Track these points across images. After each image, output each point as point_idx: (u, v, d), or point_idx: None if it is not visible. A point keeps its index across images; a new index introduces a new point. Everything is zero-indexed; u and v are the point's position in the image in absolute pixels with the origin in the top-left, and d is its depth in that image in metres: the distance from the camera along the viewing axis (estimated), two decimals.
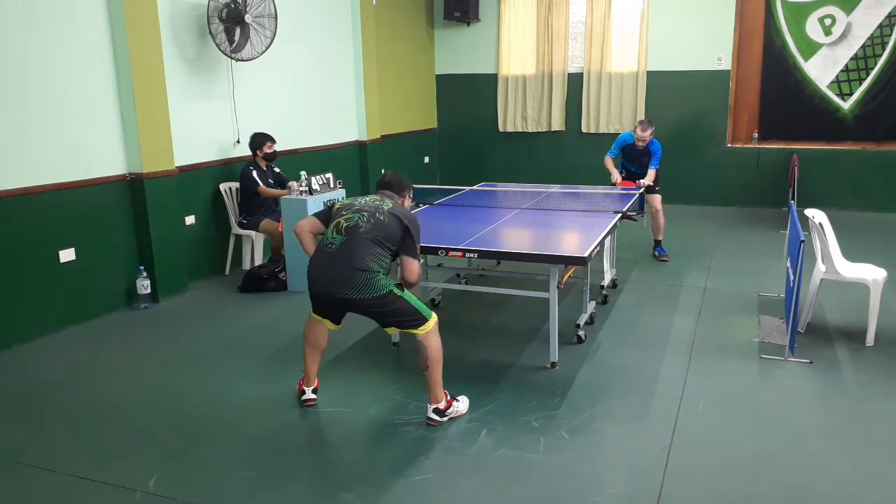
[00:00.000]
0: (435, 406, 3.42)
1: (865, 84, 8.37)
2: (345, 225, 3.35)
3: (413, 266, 3.38)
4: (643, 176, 6.48)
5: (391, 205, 3.45)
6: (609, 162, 6.60)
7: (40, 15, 4.66)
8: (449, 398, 3.47)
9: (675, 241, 7.17)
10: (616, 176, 6.51)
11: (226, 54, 5.85)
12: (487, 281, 5.66)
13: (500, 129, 10.00)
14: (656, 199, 6.51)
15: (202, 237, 6.14)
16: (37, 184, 4.70)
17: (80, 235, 5.00)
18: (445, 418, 3.44)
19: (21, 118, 4.58)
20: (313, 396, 3.66)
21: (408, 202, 3.69)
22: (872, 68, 8.31)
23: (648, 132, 6.38)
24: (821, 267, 4.47)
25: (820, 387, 3.83)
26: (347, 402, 3.73)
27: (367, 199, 3.49)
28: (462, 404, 3.55)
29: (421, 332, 3.37)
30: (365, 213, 3.36)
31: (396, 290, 3.34)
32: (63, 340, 4.72)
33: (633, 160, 6.62)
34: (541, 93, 9.68)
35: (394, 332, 3.68)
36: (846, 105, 8.50)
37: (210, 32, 5.71)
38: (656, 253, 6.67)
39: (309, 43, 7.39)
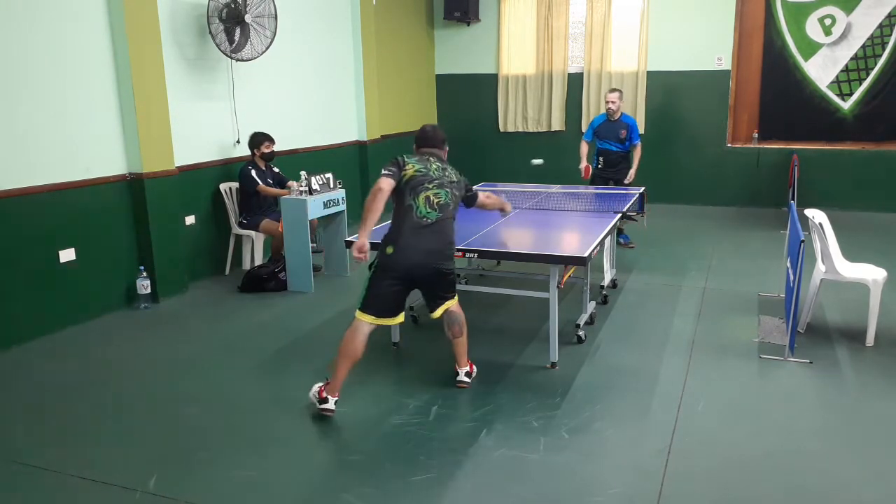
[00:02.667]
0: (465, 370, 3.85)
1: (865, 84, 8.37)
2: (436, 202, 3.55)
3: (484, 196, 4.05)
4: (624, 156, 6.70)
5: (452, 172, 3.73)
6: (583, 147, 6.73)
7: (40, 15, 4.66)
8: (471, 363, 3.91)
9: (676, 241, 7.18)
10: (584, 163, 6.69)
11: (226, 54, 5.85)
12: (487, 281, 5.66)
13: (501, 129, 10.00)
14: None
15: (202, 237, 6.14)
16: (37, 184, 4.70)
17: (80, 235, 5.00)
18: (471, 380, 3.88)
19: (21, 118, 4.58)
20: (334, 407, 3.51)
21: (446, 151, 3.90)
22: (872, 68, 8.31)
23: (616, 94, 6.65)
24: (821, 267, 4.47)
25: (820, 387, 3.83)
26: (347, 402, 3.73)
27: (435, 166, 3.65)
28: (474, 370, 3.96)
29: (453, 302, 3.71)
30: (448, 190, 3.61)
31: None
32: (63, 340, 4.71)
33: (609, 136, 6.72)
34: (541, 93, 9.69)
35: (440, 313, 3.68)
36: (846, 105, 8.50)
37: (210, 32, 5.71)
38: (621, 240, 6.76)
39: (309, 43, 7.39)
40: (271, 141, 6.13)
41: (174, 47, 5.70)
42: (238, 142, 6.39)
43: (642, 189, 6.04)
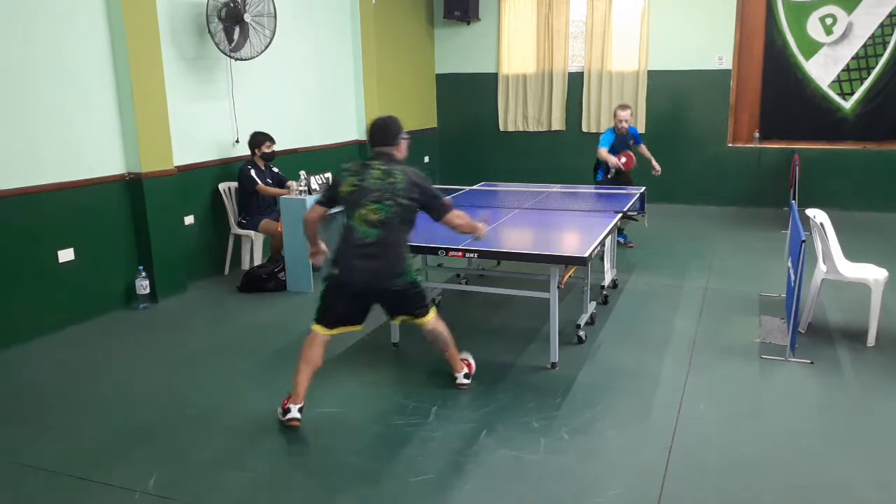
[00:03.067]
0: (464, 373, 3.83)
1: (866, 84, 8.36)
2: (375, 218, 3.32)
3: (454, 215, 3.53)
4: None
5: (400, 176, 3.36)
6: (604, 152, 6.72)
7: (40, 15, 4.65)
8: (467, 361, 3.88)
9: (676, 241, 7.17)
10: (615, 161, 6.62)
11: (225, 54, 5.84)
12: (487, 281, 5.65)
13: (501, 129, 9.99)
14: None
15: (201, 237, 6.13)
16: (36, 184, 4.69)
17: (79, 235, 4.99)
18: (470, 380, 3.84)
19: (20, 118, 4.57)
20: (299, 416, 3.42)
21: (404, 145, 3.53)
22: (873, 68, 8.30)
23: (629, 111, 6.72)
24: (822, 267, 4.46)
25: (821, 387, 3.82)
26: (347, 403, 3.72)
27: (375, 173, 3.35)
28: (470, 358, 3.94)
29: (428, 319, 3.61)
30: (389, 203, 3.32)
31: (419, 278, 3.55)
32: (62, 340, 4.71)
33: (621, 149, 6.75)
34: (541, 92, 9.67)
35: (399, 322, 3.74)
36: (847, 104, 8.49)
37: (209, 32, 5.70)
38: (620, 240, 6.78)
39: (308, 42, 7.38)
40: (272, 141, 6.12)
41: (173, 47, 5.69)
42: (237, 141, 6.38)
43: (643, 189, 6.03)
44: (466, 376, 3.84)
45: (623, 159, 6.62)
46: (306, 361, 3.47)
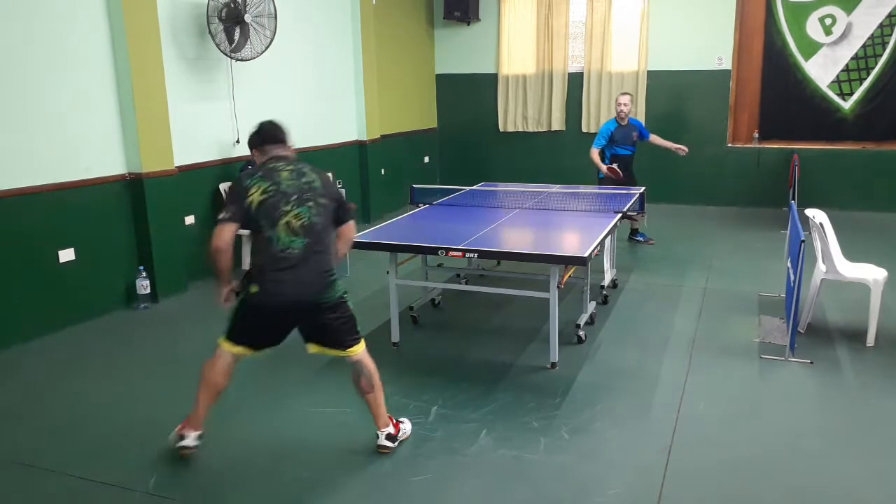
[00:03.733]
0: (387, 432, 3.17)
1: (866, 84, 8.36)
2: (299, 225, 2.93)
3: (353, 227, 3.23)
4: (632, 157, 6.84)
5: (313, 174, 3.04)
6: (595, 154, 6.77)
7: (40, 15, 4.65)
8: (394, 420, 3.24)
9: (676, 241, 7.17)
10: (603, 167, 6.69)
11: (225, 54, 5.84)
12: (487, 281, 5.65)
13: (501, 129, 9.99)
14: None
15: (202, 237, 6.11)
16: (37, 184, 4.70)
17: (79, 235, 4.99)
18: (397, 443, 3.20)
19: (21, 118, 4.57)
20: (196, 444, 3.11)
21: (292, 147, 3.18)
22: (873, 68, 8.30)
23: (628, 97, 6.75)
24: (821, 267, 4.46)
25: (820, 387, 3.82)
26: (347, 403, 3.72)
27: (285, 175, 2.97)
28: (407, 425, 3.33)
29: (357, 350, 3.11)
30: (310, 204, 2.96)
31: (346, 295, 3.11)
32: (62, 340, 4.71)
33: (624, 141, 6.78)
34: (541, 92, 9.68)
35: (316, 351, 3.15)
36: (847, 105, 8.49)
37: (210, 32, 5.70)
38: (640, 239, 6.93)
39: (309, 43, 7.38)
40: None
41: (174, 47, 5.70)
42: (237, 141, 6.39)
43: (642, 189, 6.04)
44: (391, 438, 3.17)
45: (607, 171, 6.65)
46: (209, 386, 3.08)
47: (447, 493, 2.89)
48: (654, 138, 7.06)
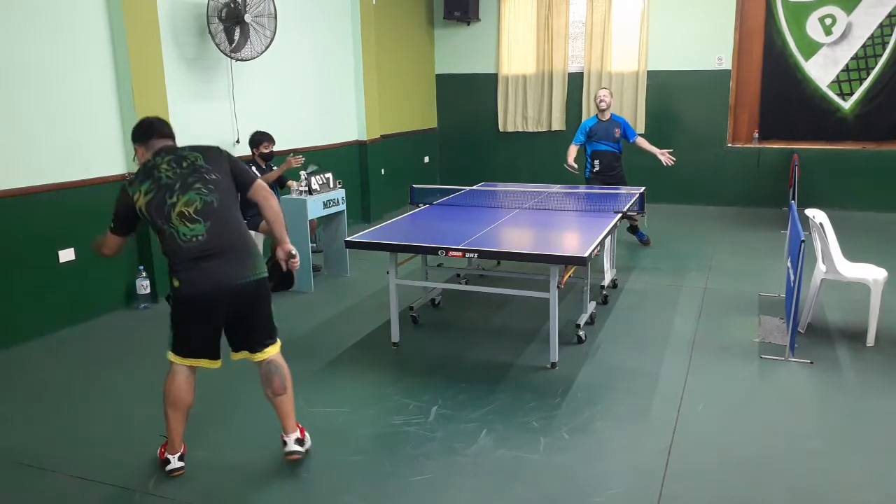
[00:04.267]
0: (296, 437, 3.05)
1: (866, 84, 8.37)
2: (191, 210, 2.79)
3: (262, 187, 2.98)
4: (618, 156, 6.72)
5: (195, 154, 2.91)
6: (570, 150, 6.79)
7: (40, 15, 4.65)
8: (300, 426, 3.12)
9: (676, 241, 7.17)
10: (571, 160, 6.71)
11: (225, 54, 5.85)
12: (487, 281, 5.65)
13: (500, 129, 9.99)
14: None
15: None
16: (37, 184, 4.70)
17: (79, 235, 4.99)
18: (307, 446, 3.12)
19: (21, 118, 4.57)
20: (181, 465, 3.03)
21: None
22: (873, 68, 8.31)
23: (607, 91, 6.69)
24: (821, 267, 4.46)
25: (820, 387, 3.82)
26: (347, 402, 3.73)
27: (164, 168, 2.85)
28: (307, 435, 3.18)
29: (272, 352, 3.00)
30: (198, 189, 2.83)
31: (266, 274, 2.97)
32: (62, 340, 4.71)
33: (604, 137, 6.70)
34: (541, 92, 9.68)
35: (240, 357, 3.04)
36: (847, 105, 8.50)
37: (210, 32, 5.70)
38: (638, 238, 6.90)
39: (309, 43, 7.38)
40: (270, 141, 6.11)
41: (174, 47, 5.70)
42: (238, 141, 6.39)
43: (642, 189, 6.04)
44: (300, 442, 3.06)
45: (567, 166, 6.70)
46: (174, 405, 2.95)
47: (447, 493, 2.89)
48: (641, 141, 6.83)
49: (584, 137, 6.77)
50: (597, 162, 6.74)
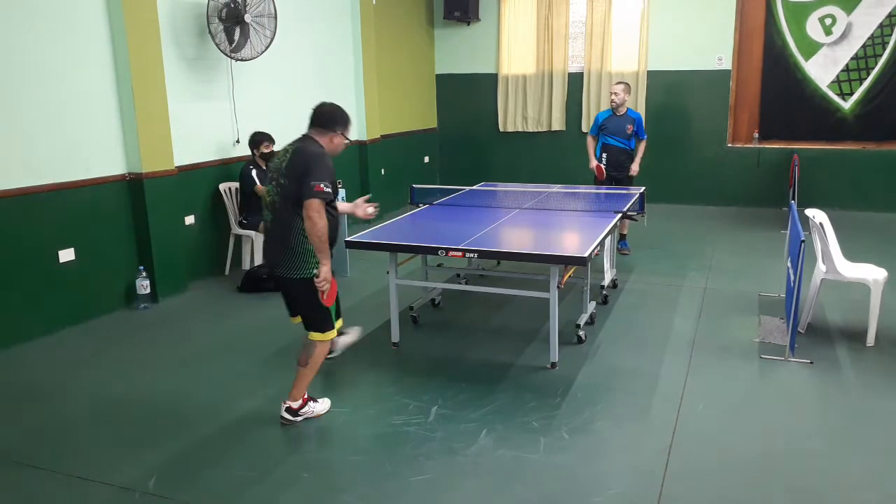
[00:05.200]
0: (289, 405, 3.43)
1: (866, 84, 8.36)
2: (269, 200, 3.29)
3: (310, 206, 3.08)
4: (628, 153, 6.59)
5: (289, 155, 3.20)
6: (590, 143, 6.71)
7: (40, 15, 4.65)
8: (305, 397, 3.47)
9: (676, 241, 7.18)
10: (593, 162, 6.62)
11: (225, 54, 5.85)
12: (487, 281, 5.65)
13: (501, 129, 9.99)
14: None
15: (202, 237, 6.13)
16: (37, 184, 4.70)
17: (79, 235, 4.99)
18: (299, 418, 3.45)
19: (21, 118, 4.57)
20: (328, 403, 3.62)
21: (338, 140, 3.36)
22: (873, 68, 8.30)
23: (622, 86, 6.55)
24: (821, 267, 4.46)
25: (820, 387, 3.82)
26: (347, 402, 3.73)
27: (279, 156, 3.29)
28: (321, 405, 3.54)
29: (318, 337, 3.37)
30: (273, 183, 3.25)
31: (310, 274, 3.23)
32: (62, 340, 4.71)
33: (616, 132, 6.58)
34: (541, 92, 9.68)
35: (298, 322, 3.48)
36: (847, 105, 8.49)
37: (210, 32, 5.70)
38: (619, 247, 6.61)
39: (309, 43, 7.38)
40: (271, 141, 6.12)
41: (174, 47, 5.70)
42: (237, 141, 6.39)
43: (642, 189, 6.03)
44: (290, 412, 3.42)
45: (593, 167, 6.61)
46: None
47: (447, 493, 2.89)
48: (641, 144, 6.68)
49: (597, 130, 6.67)
50: (604, 155, 6.62)
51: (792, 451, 3.16)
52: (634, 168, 6.61)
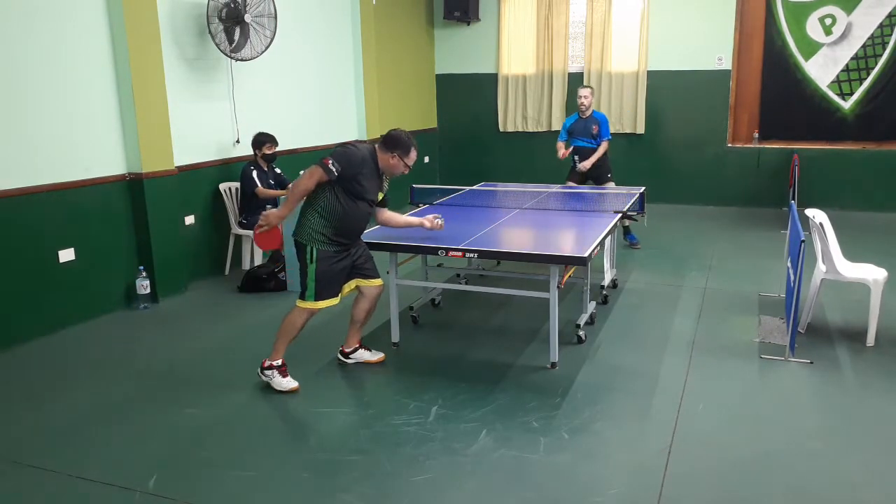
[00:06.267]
0: (267, 363, 3.85)
1: (866, 84, 8.37)
2: None
3: (309, 169, 3.64)
4: (593, 151, 6.79)
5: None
6: (558, 145, 6.96)
7: (40, 15, 4.65)
8: (275, 364, 3.82)
9: (676, 241, 7.18)
10: (561, 152, 6.86)
11: (225, 54, 5.85)
12: (487, 281, 5.65)
13: (500, 129, 10.00)
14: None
15: (202, 237, 6.13)
16: (37, 184, 4.70)
17: (79, 235, 4.99)
18: (262, 376, 3.85)
19: (21, 118, 4.57)
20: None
21: (395, 161, 3.77)
22: (873, 68, 8.31)
23: (588, 90, 6.89)
24: (821, 267, 4.46)
25: (820, 387, 3.82)
26: (347, 402, 3.73)
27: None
28: (285, 382, 3.80)
29: (298, 302, 3.81)
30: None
31: (311, 251, 3.68)
32: (62, 340, 4.71)
33: (582, 133, 6.86)
34: (541, 92, 9.68)
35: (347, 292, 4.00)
36: (846, 105, 8.50)
37: (210, 32, 5.71)
38: (628, 241, 6.88)
39: (309, 43, 7.38)
40: (273, 142, 6.13)
41: (174, 47, 5.70)
42: (238, 142, 6.39)
43: (642, 189, 6.03)
44: (261, 367, 3.88)
45: (560, 156, 6.85)
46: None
47: (447, 493, 2.89)
48: (602, 145, 6.79)
49: (566, 134, 6.97)
50: (576, 157, 6.90)
51: (792, 451, 3.16)
52: (586, 164, 6.79)
